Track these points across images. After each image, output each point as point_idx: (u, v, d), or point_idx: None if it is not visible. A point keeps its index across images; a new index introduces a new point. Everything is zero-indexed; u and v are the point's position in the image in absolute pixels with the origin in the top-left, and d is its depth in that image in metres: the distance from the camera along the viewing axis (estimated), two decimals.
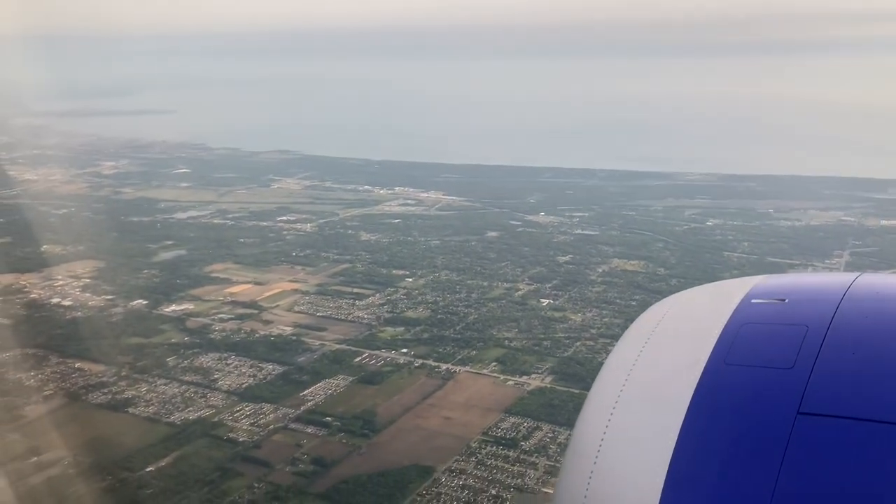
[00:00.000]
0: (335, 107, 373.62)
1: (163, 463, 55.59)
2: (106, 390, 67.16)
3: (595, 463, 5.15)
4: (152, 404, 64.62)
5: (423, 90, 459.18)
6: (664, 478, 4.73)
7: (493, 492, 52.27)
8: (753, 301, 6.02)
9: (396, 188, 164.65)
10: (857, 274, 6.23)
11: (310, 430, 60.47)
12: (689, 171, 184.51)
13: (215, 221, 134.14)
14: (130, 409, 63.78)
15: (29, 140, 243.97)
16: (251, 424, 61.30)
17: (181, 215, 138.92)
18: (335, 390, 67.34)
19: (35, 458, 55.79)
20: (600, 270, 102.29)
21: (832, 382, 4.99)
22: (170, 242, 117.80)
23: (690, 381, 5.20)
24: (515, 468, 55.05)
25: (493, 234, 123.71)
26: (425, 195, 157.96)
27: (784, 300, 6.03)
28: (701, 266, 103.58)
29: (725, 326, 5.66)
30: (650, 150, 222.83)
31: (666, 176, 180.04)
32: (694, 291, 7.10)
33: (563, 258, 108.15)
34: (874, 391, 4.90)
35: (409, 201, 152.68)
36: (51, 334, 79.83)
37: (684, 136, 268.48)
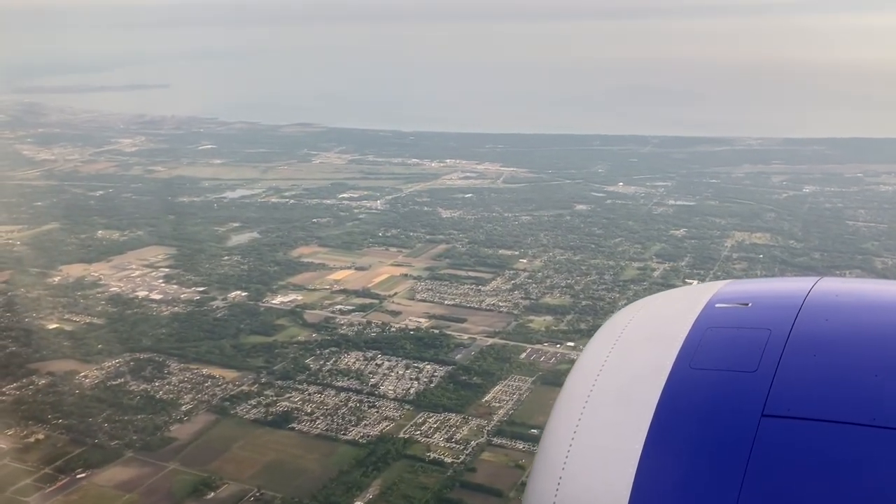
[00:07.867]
0: (337, 76, 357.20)
1: (370, 495, 46.43)
2: (254, 401, 57.61)
3: (564, 467, 4.91)
4: (318, 418, 55.25)
5: (431, 55, 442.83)
6: (632, 481, 4.54)
7: None
8: (717, 305, 5.85)
9: (447, 160, 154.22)
10: (818, 278, 6.14)
11: (520, 445, 51.62)
12: (745, 136, 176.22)
13: (273, 200, 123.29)
14: (295, 425, 54.36)
15: (28, 118, 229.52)
16: (447, 440, 52.26)
17: (232, 194, 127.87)
18: (520, 395, 58.43)
19: (212, 494, 46.41)
20: (728, 245, 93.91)
21: (795, 385, 4.86)
22: (236, 224, 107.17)
23: (657, 385, 5.02)
24: None
25: (582, 207, 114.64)
26: (482, 167, 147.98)
27: (747, 304, 5.87)
28: (834, 237, 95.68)
29: (690, 330, 5.47)
30: (692, 114, 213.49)
31: (723, 141, 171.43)
32: (660, 296, 6.97)
33: (678, 232, 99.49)
34: (835, 392, 4.80)
35: (468, 174, 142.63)
36: (156, 335, 69.81)
37: (716, 99, 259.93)
